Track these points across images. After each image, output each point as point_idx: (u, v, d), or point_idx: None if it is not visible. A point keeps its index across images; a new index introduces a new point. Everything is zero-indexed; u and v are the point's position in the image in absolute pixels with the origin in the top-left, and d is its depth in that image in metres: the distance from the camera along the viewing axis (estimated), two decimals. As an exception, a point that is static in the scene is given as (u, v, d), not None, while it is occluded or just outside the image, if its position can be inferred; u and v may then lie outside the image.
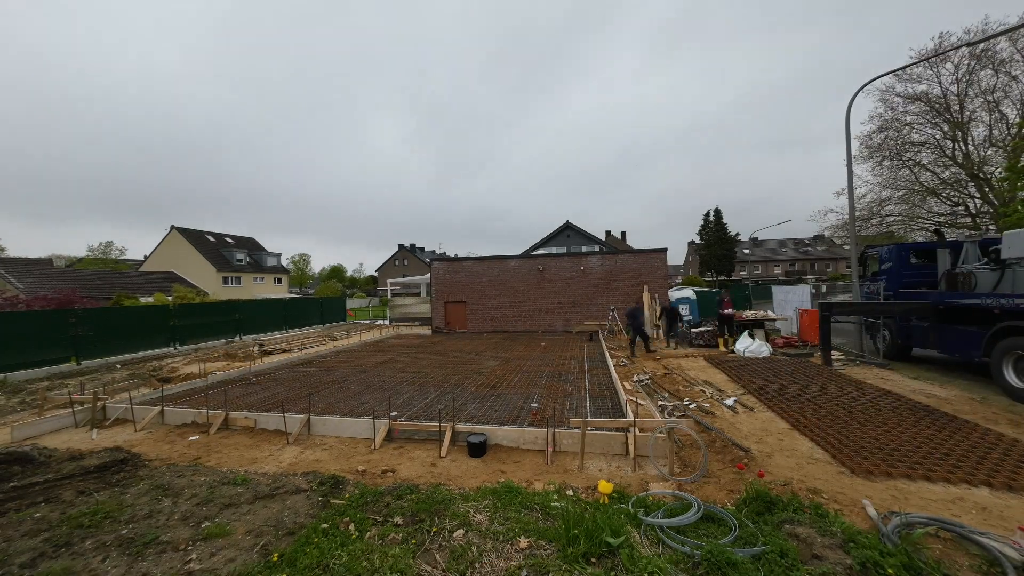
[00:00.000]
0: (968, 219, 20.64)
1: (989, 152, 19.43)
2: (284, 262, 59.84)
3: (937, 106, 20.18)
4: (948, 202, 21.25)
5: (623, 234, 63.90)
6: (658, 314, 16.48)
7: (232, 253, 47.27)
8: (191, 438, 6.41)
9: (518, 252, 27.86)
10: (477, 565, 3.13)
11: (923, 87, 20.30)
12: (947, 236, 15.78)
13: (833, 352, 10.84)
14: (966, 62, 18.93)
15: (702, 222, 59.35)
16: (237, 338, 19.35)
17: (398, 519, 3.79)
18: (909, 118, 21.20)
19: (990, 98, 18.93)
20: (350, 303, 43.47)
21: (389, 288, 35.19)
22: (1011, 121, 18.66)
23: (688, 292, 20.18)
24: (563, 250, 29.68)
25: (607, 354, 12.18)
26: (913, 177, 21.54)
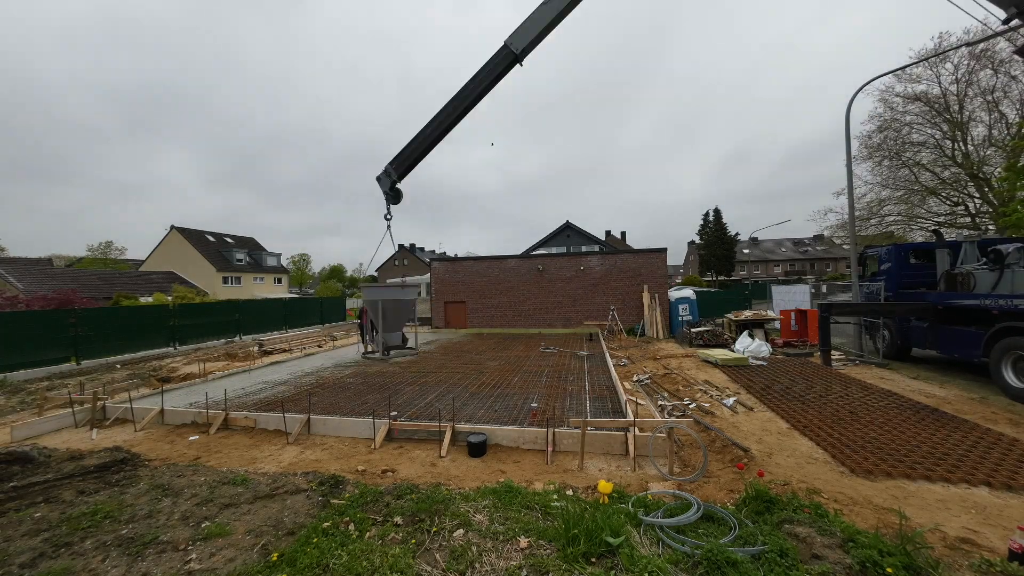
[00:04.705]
0: (968, 219, 20.67)
1: (988, 152, 19.46)
2: (284, 262, 59.83)
3: (937, 106, 20.19)
4: (948, 202, 21.28)
5: (623, 234, 63.97)
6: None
7: (232, 253, 47.25)
8: (191, 438, 6.41)
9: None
10: (477, 565, 3.13)
11: (923, 87, 20.33)
12: (946, 236, 15.80)
13: (833, 352, 10.85)
14: (965, 62, 18.95)
15: (701, 222, 59.42)
16: (237, 338, 19.35)
17: (398, 519, 3.79)
18: (909, 118, 21.23)
19: (989, 98, 18.95)
20: (350, 303, 43.45)
21: (389, 288, 35.17)
22: (1010, 121, 18.68)
23: (688, 292, 20.19)
24: (563, 250, 29.68)
25: (607, 354, 12.18)
26: (913, 177, 21.56)
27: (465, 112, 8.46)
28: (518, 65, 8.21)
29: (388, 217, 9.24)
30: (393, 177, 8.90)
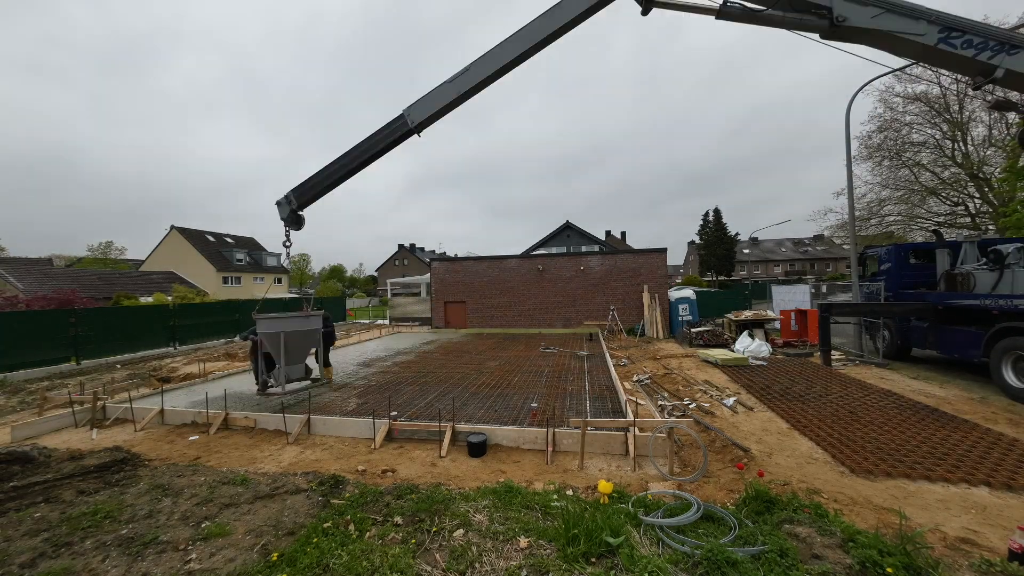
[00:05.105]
0: (968, 219, 20.66)
1: (988, 152, 19.46)
2: (284, 262, 59.77)
3: (937, 106, 20.19)
4: (948, 202, 21.28)
5: (623, 234, 63.98)
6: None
7: (232, 253, 47.26)
8: (191, 438, 6.41)
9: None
10: (477, 565, 3.14)
11: (923, 87, 20.32)
12: (946, 236, 15.81)
13: (833, 352, 10.85)
14: (966, 62, 18.93)
15: (701, 222, 59.45)
16: (237, 338, 19.34)
17: (398, 519, 3.79)
18: (909, 118, 21.23)
19: (990, 98, 18.94)
20: (350, 303, 43.45)
21: (389, 288, 35.19)
22: (1011, 121, 18.66)
23: (688, 292, 20.20)
24: (563, 250, 29.69)
25: (607, 354, 12.18)
26: (913, 177, 21.56)
27: (364, 165, 8.16)
28: (416, 136, 7.78)
29: (287, 245, 8.73)
30: (293, 205, 8.40)
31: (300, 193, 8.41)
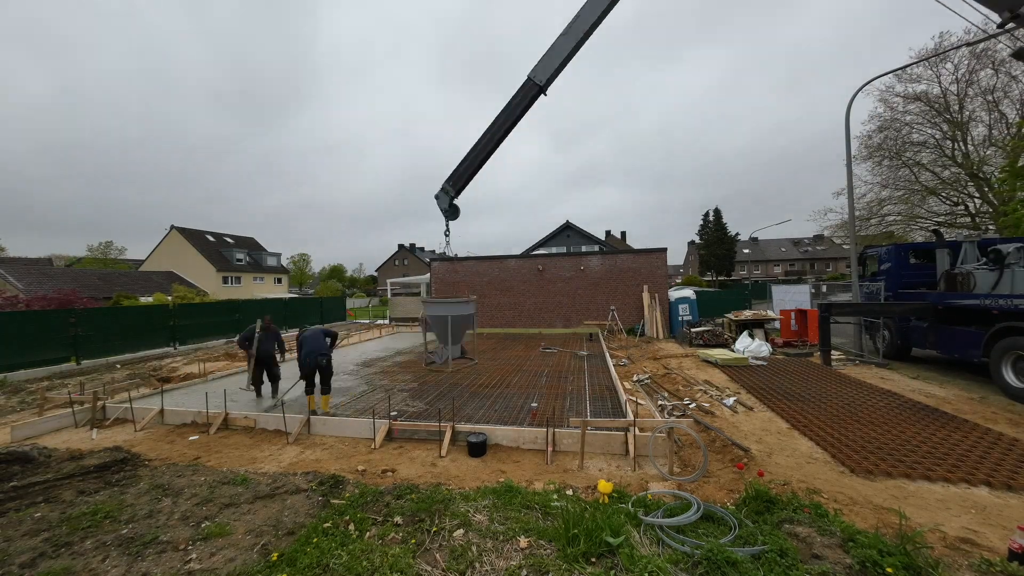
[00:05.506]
0: (968, 219, 20.67)
1: (989, 152, 19.46)
2: (284, 262, 59.84)
3: (937, 106, 20.20)
4: (948, 202, 21.29)
5: (623, 234, 64.01)
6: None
7: (232, 253, 47.27)
8: (191, 438, 6.41)
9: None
10: (477, 565, 3.14)
11: (923, 87, 20.34)
12: (946, 236, 15.81)
13: (833, 352, 10.85)
14: (966, 62, 18.96)
15: (701, 222, 59.46)
16: (237, 338, 19.35)
17: (398, 519, 3.79)
18: (909, 118, 21.24)
19: (990, 98, 18.95)
20: (350, 303, 43.44)
21: (389, 288, 35.17)
22: (1011, 121, 18.69)
23: (688, 292, 20.19)
24: (563, 250, 29.70)
25: (607, 354, 12.18)
26: (913, 177, 21.56)
27: (502, 139, 9.23)
28: (543, 95, 8.83)
29: (447, 234, 9.70)
30: (451, 194, 9.38)
31: (455, 180, 9.42)
